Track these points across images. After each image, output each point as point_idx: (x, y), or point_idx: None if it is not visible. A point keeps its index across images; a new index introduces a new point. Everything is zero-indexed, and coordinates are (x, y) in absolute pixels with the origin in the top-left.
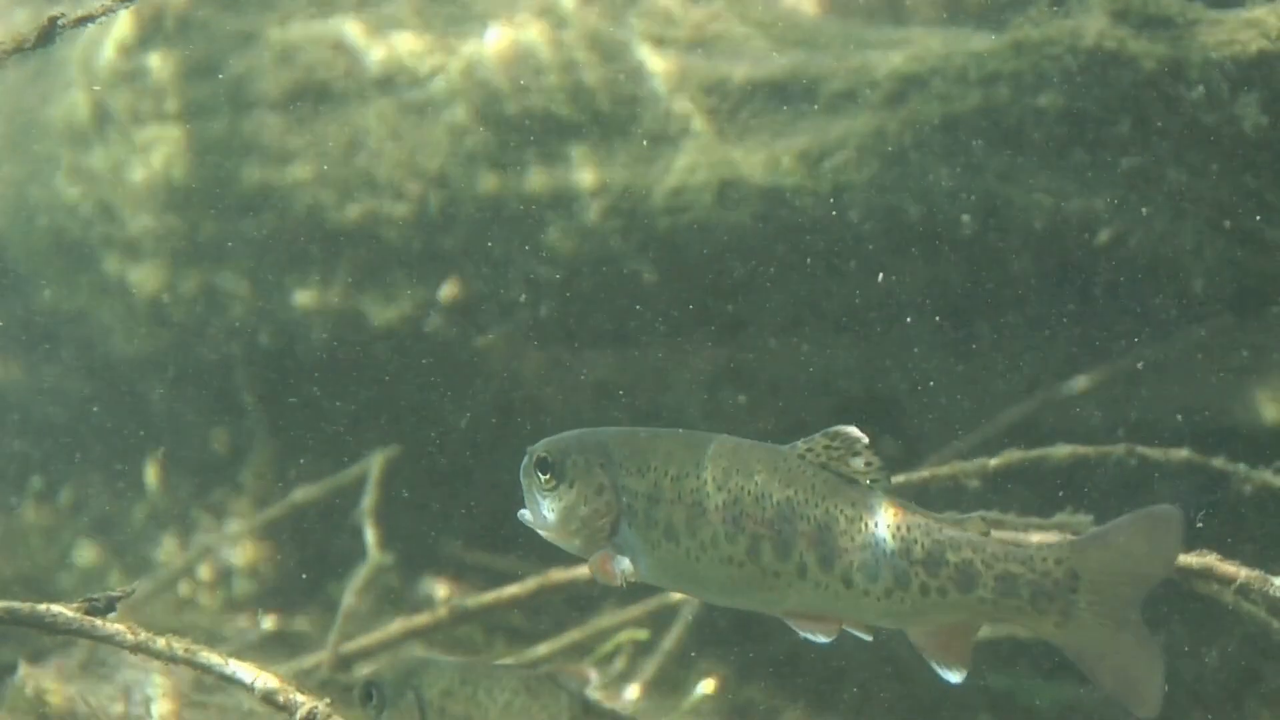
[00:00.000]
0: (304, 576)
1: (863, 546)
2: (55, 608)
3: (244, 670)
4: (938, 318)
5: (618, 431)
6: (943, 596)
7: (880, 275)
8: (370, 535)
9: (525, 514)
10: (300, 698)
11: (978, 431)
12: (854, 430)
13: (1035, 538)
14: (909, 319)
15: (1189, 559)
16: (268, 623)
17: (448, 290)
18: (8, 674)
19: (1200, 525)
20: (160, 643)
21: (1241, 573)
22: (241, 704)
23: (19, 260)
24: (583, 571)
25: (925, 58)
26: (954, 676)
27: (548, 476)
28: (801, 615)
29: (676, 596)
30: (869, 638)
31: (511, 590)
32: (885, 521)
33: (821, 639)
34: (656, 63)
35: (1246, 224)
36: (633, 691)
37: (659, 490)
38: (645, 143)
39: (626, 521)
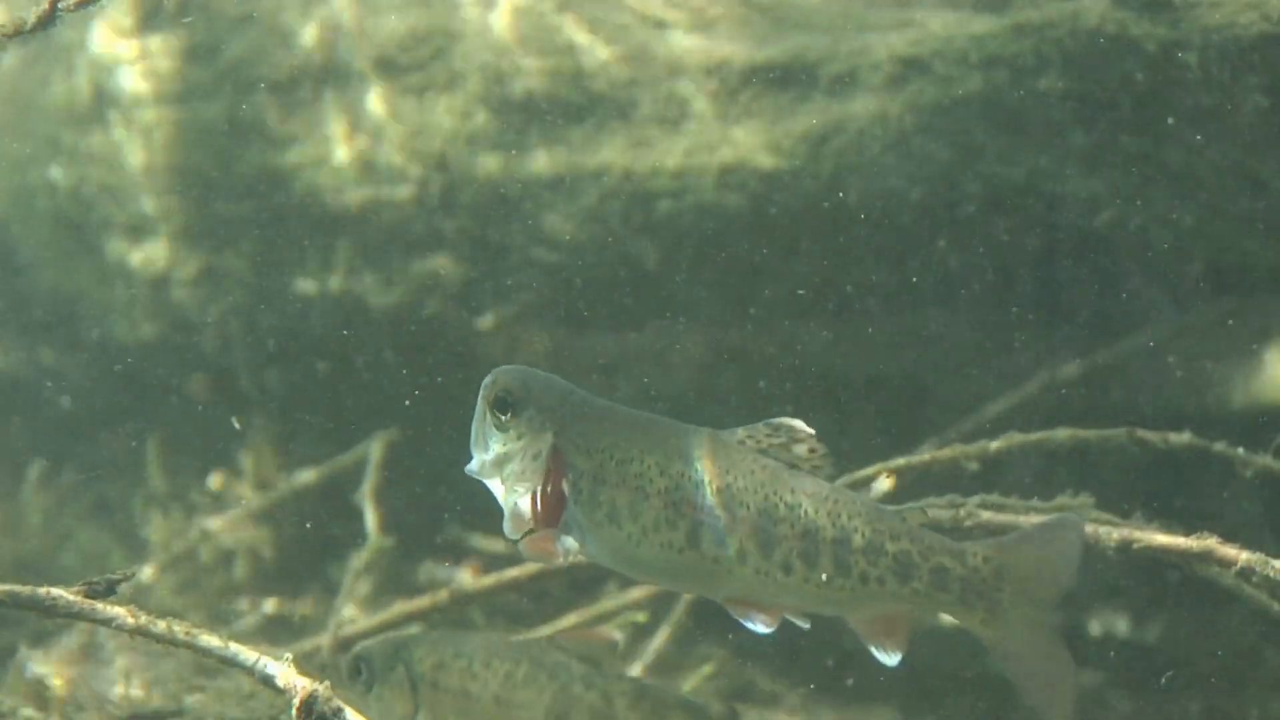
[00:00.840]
0: (305, 559)
1: (803, 534)
2: (55, 591)
3: (245, 653)
4: (938, 302)
5: (577, 400)
6: (881, 586)
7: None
8: (371, 518)
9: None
10: (301, 680)
11: (971, 419)
12: (798, 423)
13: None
14: (910, 303)
15: (1189, 542)
16: (268, 606)
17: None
18: (8, 657)
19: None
20: (161, 626)
21: (1242, 555)
22: (242, 687)
23: (19, 243)
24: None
25: (926, 40)
26: (891, 660)
27: (507, 416)
28: (742, 602)
29: None
30: (806, 625)
31: (512, 573)
32: (826, 509)
33: (761, 629)
34: (658, 45)
35: (1246, 207)
36: (634, 674)
37: (604, 472)
38: (646, 126)
39: (572, 499)
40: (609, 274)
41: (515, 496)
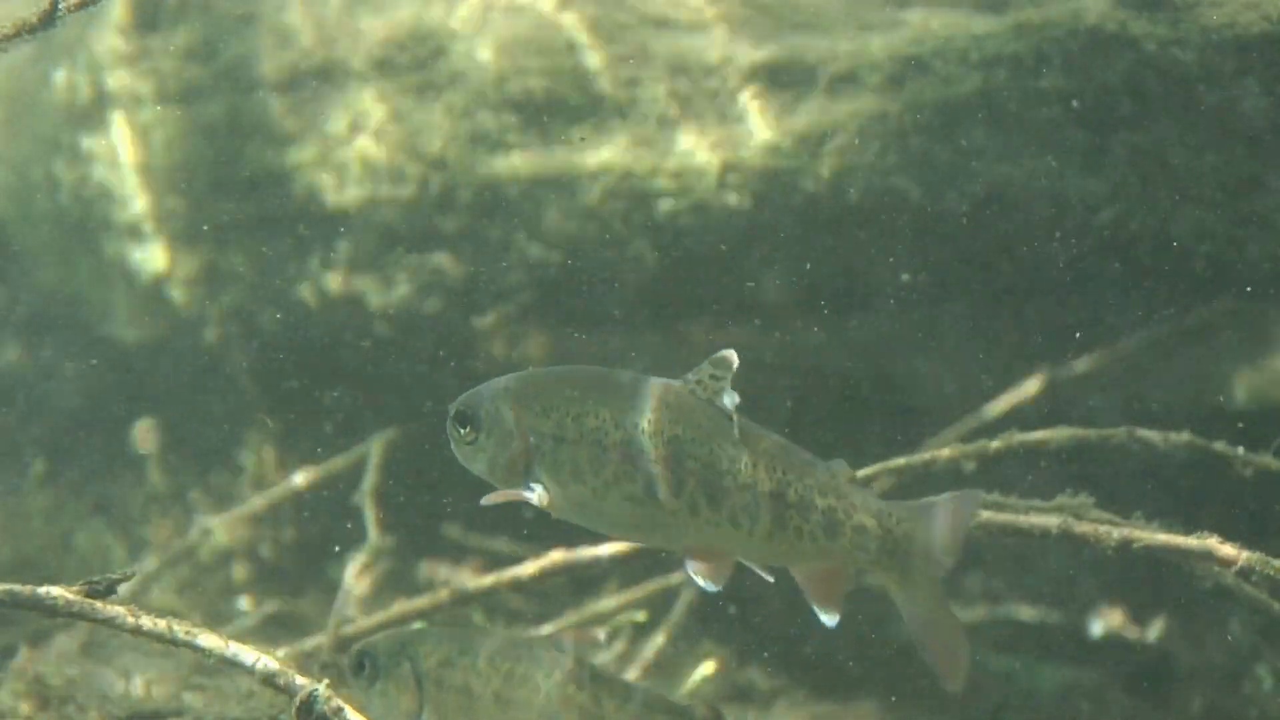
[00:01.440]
0: (304, 559)
1: (743, 487)
2: (55, 590)
3: (245, 653)
4: (938, 301)
5: (529, 373)
6: (814, 541)
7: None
8: (370, 518)
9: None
10: (301, 680)
11: (972, 417)
12: (729, 354)
13: (1035, 520)
14: (910, 301)
15: (1189, 541)
16: (268, 605)
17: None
18: (8, 656)
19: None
20: (160, 625)
21: (1242, 555)
22: (241, 687)
23: (20, 242)
24: (585, 554)
25: (926, 40)
26: (829, 619)
27: (467, 431)
28: (701, 553)
29: (676, 579)
30: (770, 578)
31: (512, 573)
32: (763, 463)
33: (709, 586)
34: (658, 45)
35: (1246, 206)
36: (633, 673)
37: (563, 430)
38: (646, 125)
39: (537, 462)
40: (609, 273)
41: (513, 482)
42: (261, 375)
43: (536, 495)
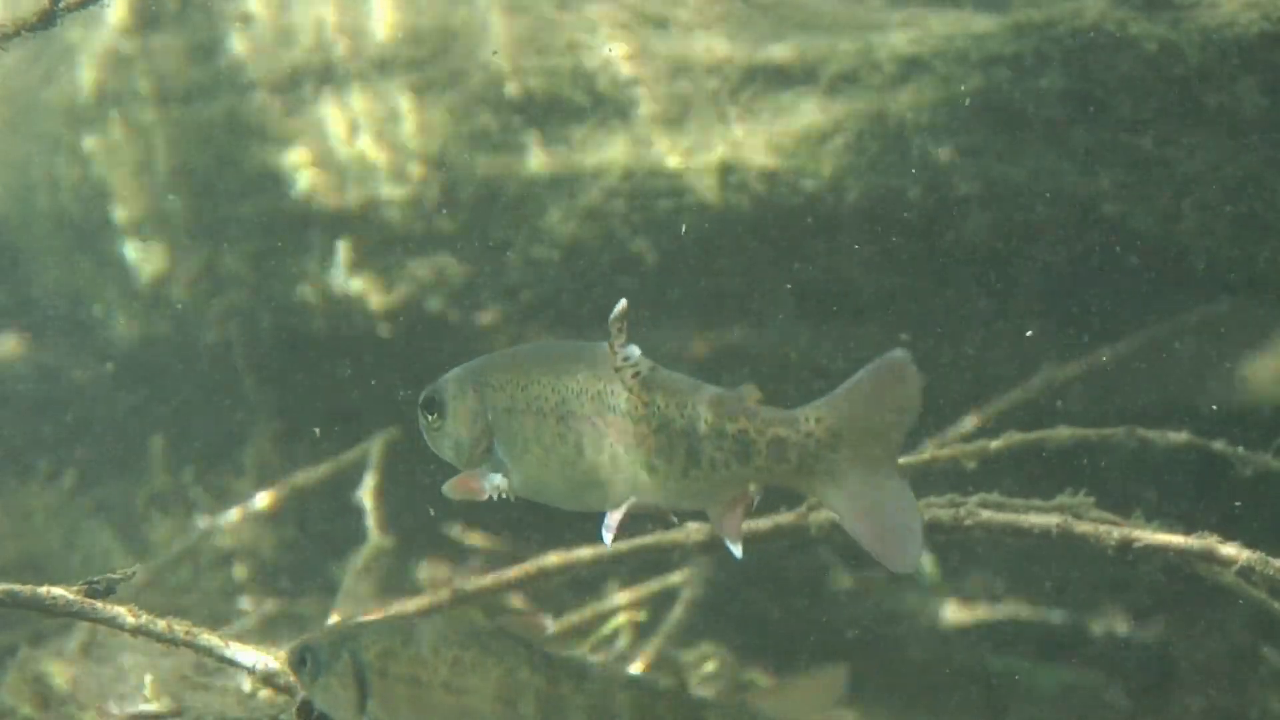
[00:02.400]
0: (305, 559)
1: (658, 430)
2: (55, 590)
3: (244, 653)
4: (938, 300)
5: (491, 354)
6: (728, 469)
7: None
8: (371, 517)
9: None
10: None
11: (973, 416)
12: (621, 303)
13: (1035, 520)
14: (910, 302)
15: (1189, 541)
16: (268, 605)
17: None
18: (8, 656)
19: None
20: (161, 625)
21: (1242, 555)
22: (243, 687)
23: (20, 241)
24: (584, 554)
25: (927, 40)
26: (740, 550)
27: (434, 417)
28: (623, 510)
29: (675, 578)
30: (674, 520)
31: (512, 573)
32: (673, 403)
33: (606, 538)
34: (659, 45)
35: (1246, 206)
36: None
37: (514, 401)
38: (645, 125)
39: (495, 438)
40: (610, 273)
41: (478, 462)
42: (262, 375)
43: (495, 483)
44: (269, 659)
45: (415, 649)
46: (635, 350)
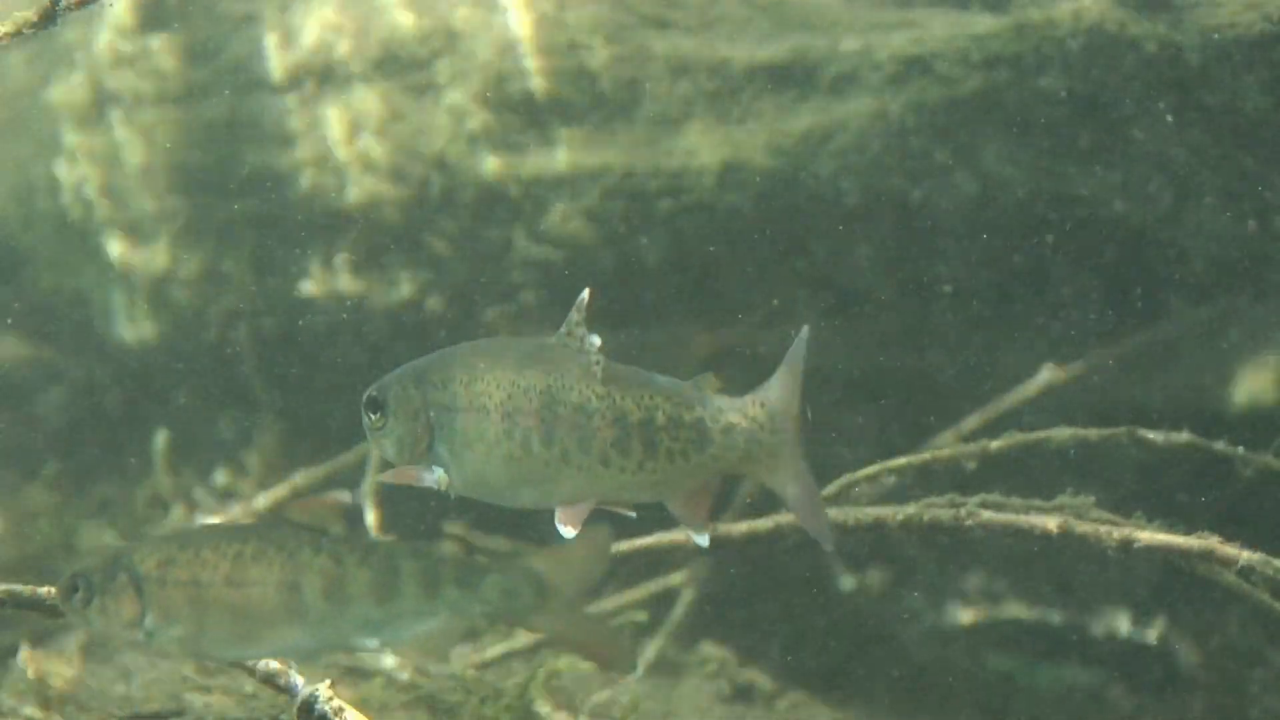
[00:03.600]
0: None
1: (614, 422)
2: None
3: None
4: (939, 300)
5: (436, 352)
6: (686, 459)
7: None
8: (371, 517)
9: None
10: (301, 680)
11: (972, 417)
12: (584, 294)
13: (1035, 520)
14: (910, 301)
15: (1190, 541)
16: None
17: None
18: (9, 657)
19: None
20: None
21: (1243, 555)
22: (243, 686)
23: (21, 242)
24: None
25: (927, 40)
26: (704, 539)
27: (377, 416)
28: (573, 504)
29: (676, 579)
30: (633, 514)
31: None
32: (630, 396)
33: (569, 530)
34: (658, 45)
35: (1248, 206)
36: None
37: (455, 399)
38: (647, 126)
39: (437, 436)
40: (610, 272)
41: (420, 460)
42: (263, 375)
43: (436, 478)
44: (269, 659)
45: (194, 552)
46: (596, 340)
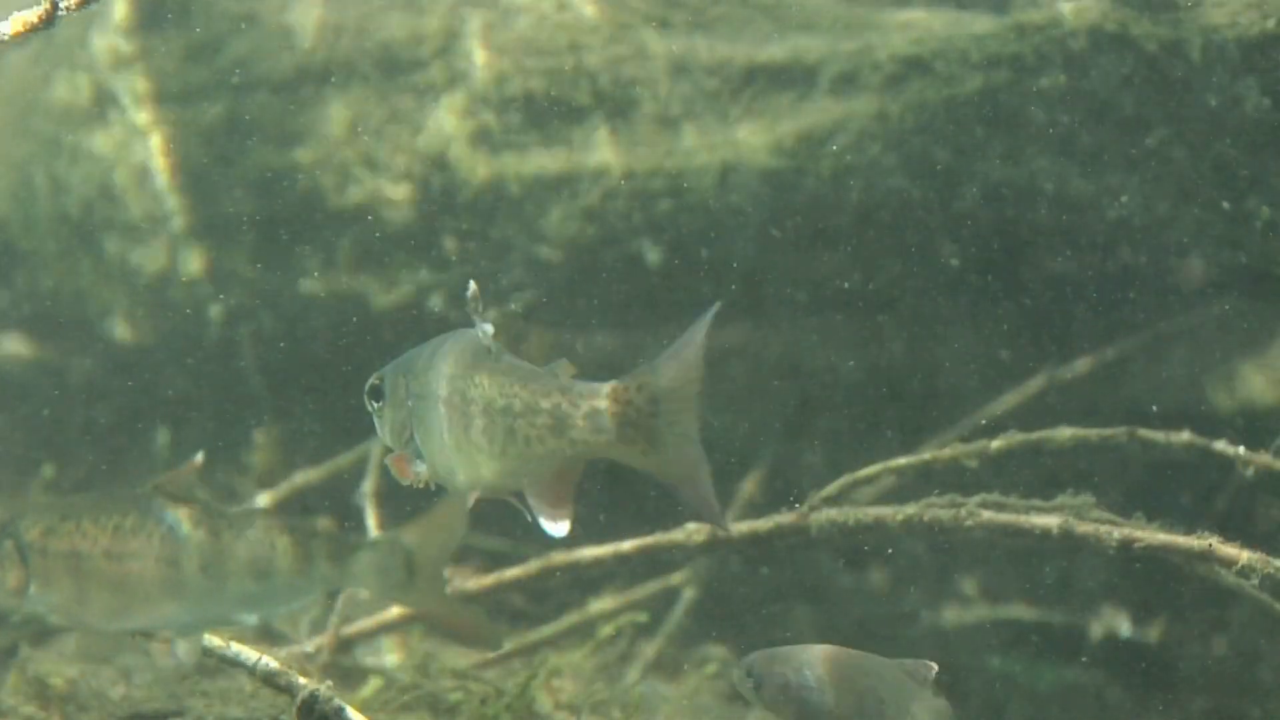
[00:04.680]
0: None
1: (483, 411)
2: None
3: (245, 653)
4: (939, 300)
5: (428, 341)
6: (542, 444)
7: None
8: (371, 518)
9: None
10: (301, 680)
11: (973, 417)
12: (471, 284)
13: (1035, 520)
14: (911, 301)
15: (1190, 541)
16: None
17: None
18: (9, 657)
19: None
20: None
21: (1243, 554)
22: (243, 687)
23: (22, 242)
24: (586, 554)
25: (927, 40)
26: (560, 529)
27: (378, 403)
28: (469, 498)
29: (677, 578)
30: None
31: (513, 572)
32: (495, 383)
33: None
34: (659, 45)
35: (1247, 206)
36: (633, 673)
37: (425, 388)
38: (647, 125)
39: (413, 425)
40: (610, 272)
41: (408, 447)
42: (265, 375)
43: (420, 469)
44: (269, 659)
45: (75, 521)
46: (489, 328)
